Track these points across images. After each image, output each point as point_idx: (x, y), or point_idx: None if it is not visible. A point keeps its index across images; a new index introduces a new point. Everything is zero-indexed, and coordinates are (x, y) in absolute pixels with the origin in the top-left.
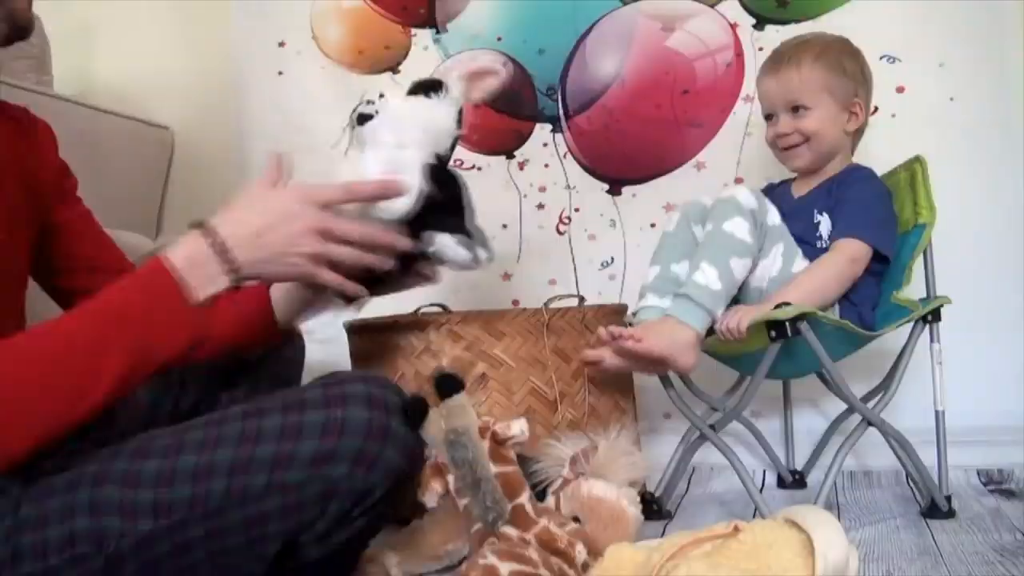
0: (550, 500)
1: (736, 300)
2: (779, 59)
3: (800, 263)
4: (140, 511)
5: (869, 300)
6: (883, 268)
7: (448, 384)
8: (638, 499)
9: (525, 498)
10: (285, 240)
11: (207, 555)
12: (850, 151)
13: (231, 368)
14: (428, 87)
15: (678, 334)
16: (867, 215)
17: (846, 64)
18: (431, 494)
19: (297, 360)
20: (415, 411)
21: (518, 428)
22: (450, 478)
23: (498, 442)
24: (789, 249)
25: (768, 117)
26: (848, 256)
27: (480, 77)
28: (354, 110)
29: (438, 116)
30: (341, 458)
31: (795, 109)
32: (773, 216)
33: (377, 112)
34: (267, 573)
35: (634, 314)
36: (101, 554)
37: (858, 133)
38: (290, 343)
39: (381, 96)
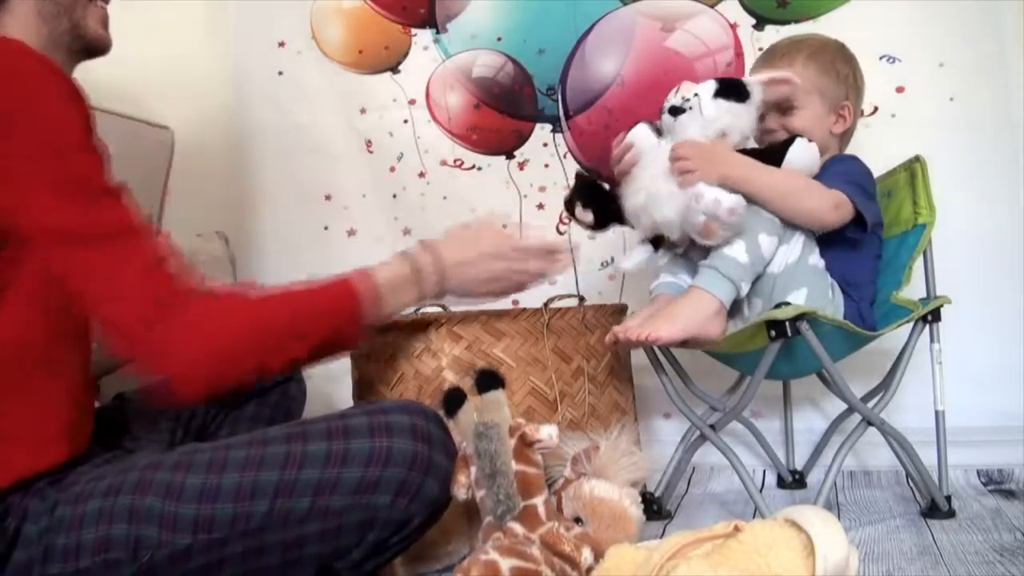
0: (551, 500)
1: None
2: (772, 56)
3: (816, 258)
4: (180, 524)
5: (867, 295)
6: (875, 256)
7: (487, 380)
8: (640, 499)
9: (540, 500)
10: (486, 275)
11: (242, 573)
12: (838, 150)
13: (239, 393)
14: (735, 91)
15: (702, 306)
16: (850, 179)
17: (839, 67)
18: (458, 486)
19: (300, 398)
20: (451, 400)
21: (546, 433)
22: (472, 469)
23: (526, 443)
24: (809, 242)
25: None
26: (832, 199)
27: (776, 84)
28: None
29: (742, 122)
30: (385, 487)
31: (783, 107)
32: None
33: (690, 108)
34: None
35: (650, 292)
36: (135, 562)
37: (846, 135)
38: (298, 381)
39: (695, 95)
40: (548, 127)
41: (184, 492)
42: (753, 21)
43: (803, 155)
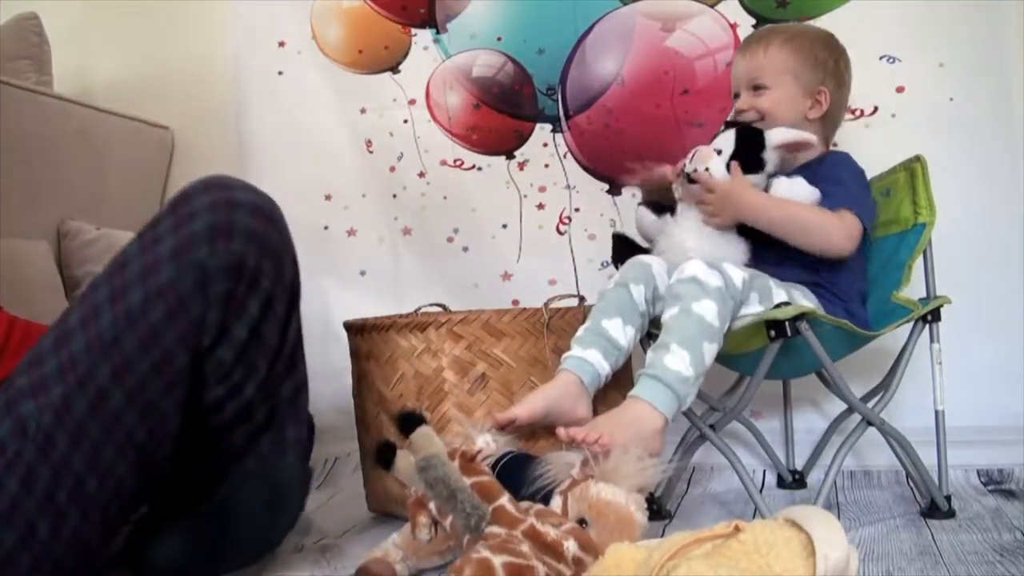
0: (557, 501)
1: None
2: (751, 39)
3: (777, 291)
4: (49, 381)
5: (855, 295)
6: (861, 260)
7: (409, 421)
8: (646, 505)
9: (504, 500)
10: None
11: (125, 398)
12: (823, 140)
13: None
14: (749, 162)
15: (644, 422)
16: (851, 192)
17: (818, 52)
18: (420, 528)
19: None
20: (383, 453)
21: (483, 441)
22: (431, 506)
23: (468, 459)
24: (763, 290)
25: (735, 96)
26: (846, 231)
27: (796, 148)
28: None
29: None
30: (198, 240)
31: (756, 88)
32: (735, 276)
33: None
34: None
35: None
36: (28, 439)
37: (827, 123)
38: None
39: (707, 169)
40: (548, 127)
41: (42, 355)
42: (753, 21)
43: (792, 192)
